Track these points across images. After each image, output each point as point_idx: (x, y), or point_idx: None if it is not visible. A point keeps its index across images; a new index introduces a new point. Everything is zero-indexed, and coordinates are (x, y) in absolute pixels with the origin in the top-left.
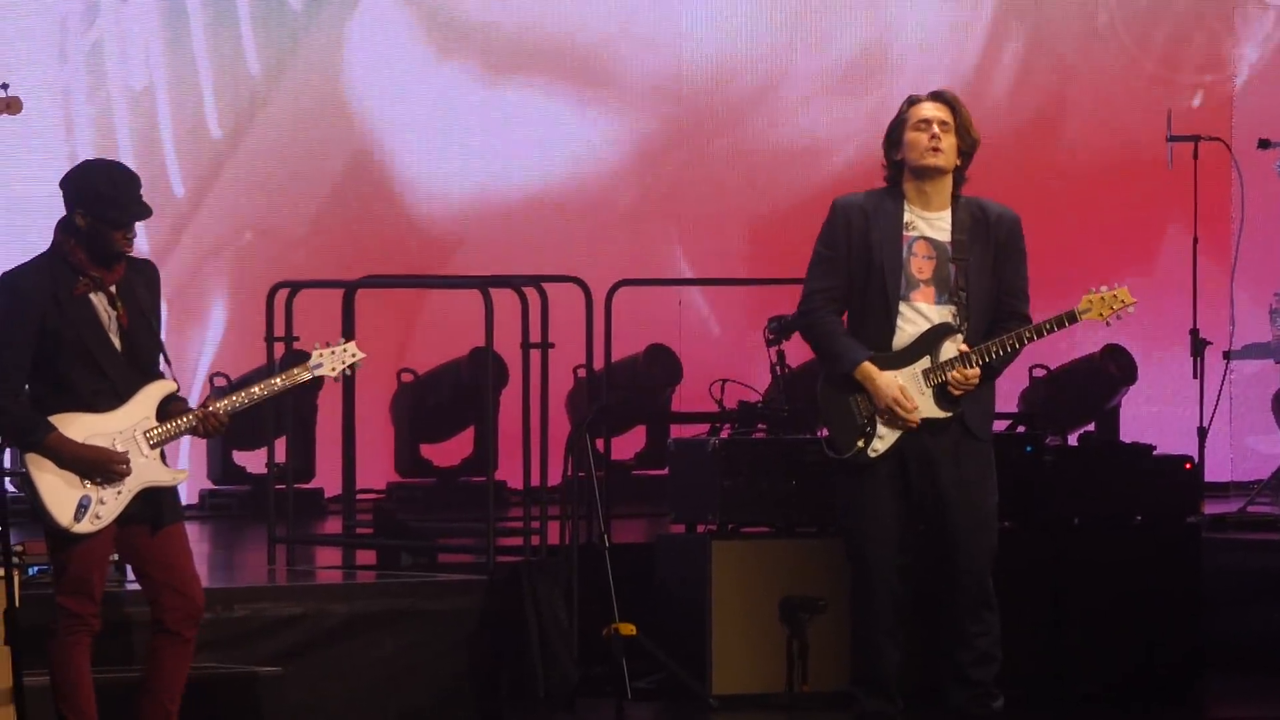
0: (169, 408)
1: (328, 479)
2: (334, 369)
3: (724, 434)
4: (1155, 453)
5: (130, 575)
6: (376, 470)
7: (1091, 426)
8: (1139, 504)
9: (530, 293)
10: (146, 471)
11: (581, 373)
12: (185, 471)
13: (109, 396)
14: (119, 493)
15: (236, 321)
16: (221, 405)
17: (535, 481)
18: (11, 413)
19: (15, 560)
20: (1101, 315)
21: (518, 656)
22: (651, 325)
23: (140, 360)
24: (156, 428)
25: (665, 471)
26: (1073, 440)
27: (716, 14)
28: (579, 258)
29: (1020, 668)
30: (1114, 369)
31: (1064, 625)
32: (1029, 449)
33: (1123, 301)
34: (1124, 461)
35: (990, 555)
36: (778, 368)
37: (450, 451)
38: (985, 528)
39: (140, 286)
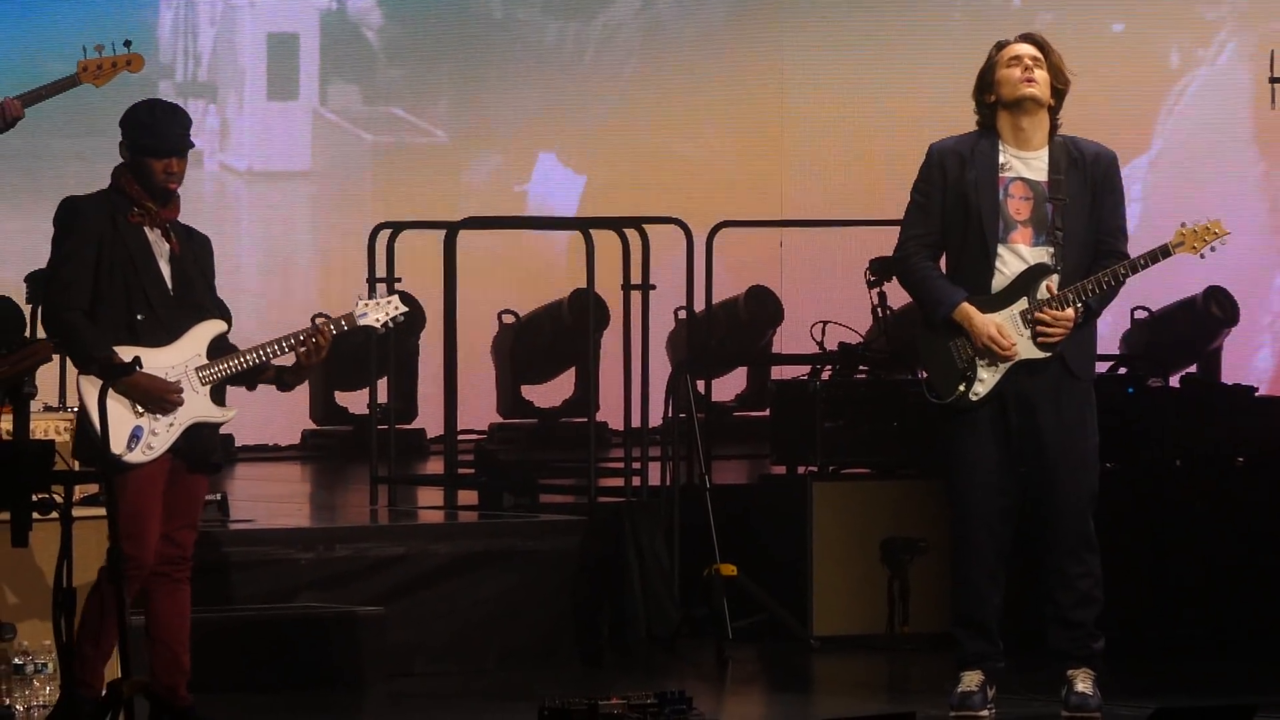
0: (219, 348)
1: (430, 419)
2: (378, 320)
3: (825, 376)
4: (1257, 394)
5: (232, 514)
6: (478, 411)
7: (1193, 368)
8: (1241, 445)
9: (631, 234)
10: (197, 407)
11: (682, 314)
12: (234, 410)
13: (155, 329)
14: (171, 425)
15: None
16: (273, 343)
17: (636, 422)
18: (77, 328)
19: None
20: (1195, 248)
21: (619, 597)
22: (752, 266)
23: (189, 298)
24: (208, 365)
25: (766, 413)
26: (1174, 381)
27: None
28: (680, 199)
29: (1121, 610)
30: (1216, 310)
31: (1166, 567)
32: (1130, 390)
33: (1215, 233)
34: (1225, 403)
35: (1091, 497)
36: (879, 309)
37: (551, 392)
38: (1086, 469)
39: (194, 244)
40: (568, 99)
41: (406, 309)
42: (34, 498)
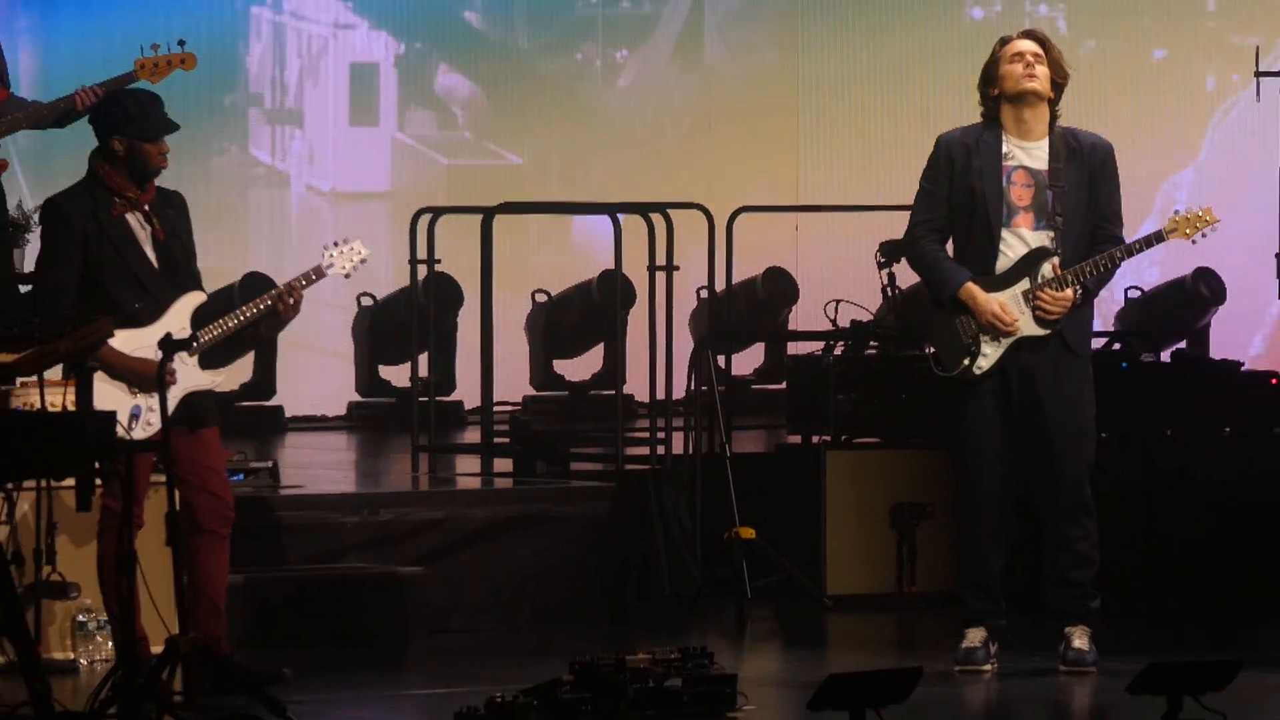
0: (202, 318)
1: (467, 392)
2: (344, 268)
3: (838, 351)
4: (1243, 368)
5: (283, 480)
6: (513, 384)
7: (1183, 344)
8: (1227, 416)
9: (657, 219)
10: (189, 378)
11: (704, 293)
12: (223, 375)
13: (151, 310)
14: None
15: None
16: (254, 304)
17: (661, 395)
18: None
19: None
20: (1187, 234)
21: (645, 559)
22: (770, 249)
23: (175, 274)
24: (194, 337)
25: (783, 386)
26: (1165, 357)
27: None
28: (703, 186)
29: (1116, 571)
30: (1204, 290)
31: (1157, 531)
32: (1124, 365)
33: (1206, 220)
34: (1213, 377)
35: (1088, 465)
36: (888, 289)
37: (581, 367)
38: (1084, 439)
39: (171, 208)
40: (604, 120)
41: (368, 251)
42: (96, 465)
